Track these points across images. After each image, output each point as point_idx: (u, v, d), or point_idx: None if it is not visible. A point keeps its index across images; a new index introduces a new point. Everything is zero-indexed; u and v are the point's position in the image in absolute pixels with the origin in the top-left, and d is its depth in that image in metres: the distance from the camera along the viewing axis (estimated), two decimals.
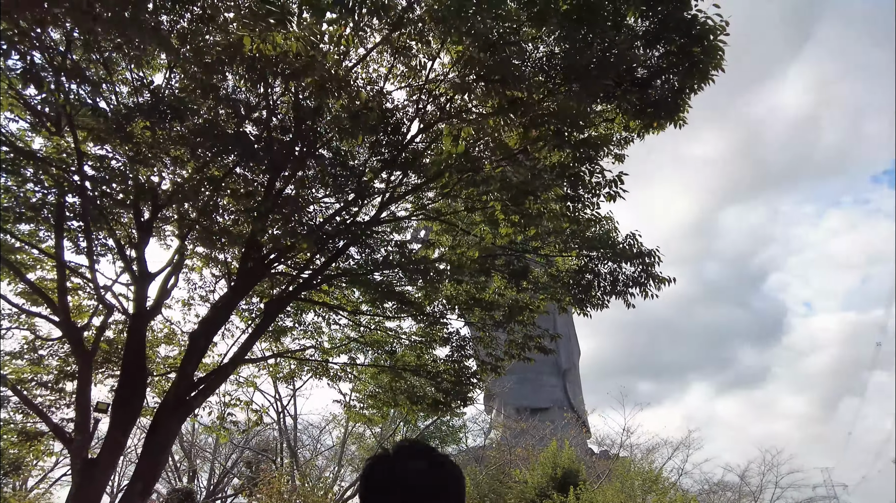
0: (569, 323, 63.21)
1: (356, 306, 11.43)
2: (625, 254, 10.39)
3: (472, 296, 10.34)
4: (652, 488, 26.90)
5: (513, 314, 10.50)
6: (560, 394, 58.70)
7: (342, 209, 8.65)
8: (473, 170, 7.54)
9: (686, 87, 9.28)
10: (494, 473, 28.44)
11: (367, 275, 9.62)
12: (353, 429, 25.50)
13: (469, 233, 9.59)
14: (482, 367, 11.64)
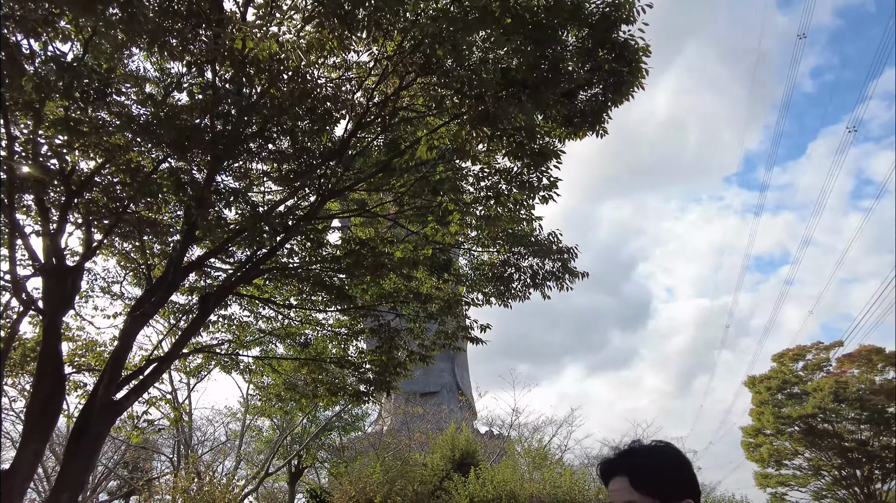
0: None
1: (286, 299, 11.26)
2: (547, 250, 11.22)
3: (413, 290, 10.64)
4: (541, 464, 28.79)
5: (450, 307, 10.95)
6: (449, 378, 60.39)
7: (286, 199, 8.55)
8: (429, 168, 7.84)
9: (610, 101, 10.20)
10: (394, 458, 28.99)
11: (308, 269, 9.56)
12: (251, 422, 24.76)
13: (408, 229, 9.86)
14: (411, 358, 11.99)
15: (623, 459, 1.84)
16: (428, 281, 11.03)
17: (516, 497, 22.27)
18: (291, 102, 8.09)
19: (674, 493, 1.71)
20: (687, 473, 1.79)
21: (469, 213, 8.66)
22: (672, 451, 1.84)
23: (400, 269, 9.68)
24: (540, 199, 9.33)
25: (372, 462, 21.69)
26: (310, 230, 8.98)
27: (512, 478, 23.16)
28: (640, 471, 1.75)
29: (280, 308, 11.44)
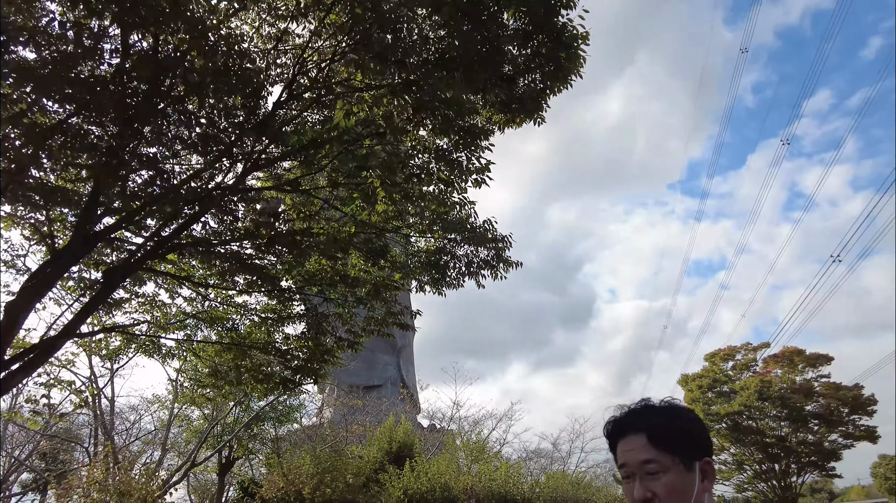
0: (405, 301, 64.44)
1: (204, 278, 10.62)
2: (482, 238, 11.04)
3: (338, 272, 10.22)
4: (478, 457, 28.90)
5: (378, 291, 10.59)
6: (394, 372, 59.98)
7: (202, 171, 8.00)
8: (353, 143, 7.46)
9: (548, 89, 10.08)
10: (330, 450, 28.44)
11: (225, 245, 9.01)
12: (179, 411, 23.71)
13: (339, 209, 9.44)
14: (339, 344, 11.58)
15: (639, 416, 1.75)
16: (356, 263, 10.65)
17: (450, 489, 22.19)
18: (215, 69, 7.57)
19: (693, 452, 1.65)
20: (705, 432, 1.75)
21: (398, 191, 8.34)
22: (689, 410, 1.80)
23: (325, 250, 9.26)
24: (473, 183, 9.12)
25: (305, 454, 21.14)
26: (227, 203, 8.47)
27: (447, 470, 23.08)
28: (660, 429, 1.67)
29: (198, 287, 10.80)
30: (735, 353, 40.01)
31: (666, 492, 1.59)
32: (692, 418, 1.76)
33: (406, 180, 8.00)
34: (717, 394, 38.43)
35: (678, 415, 1.74)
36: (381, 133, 7.50)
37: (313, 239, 9.08)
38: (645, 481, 1.62)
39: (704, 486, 1.65)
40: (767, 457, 36.20)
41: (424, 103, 7.11)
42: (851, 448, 35.15)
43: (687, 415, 1.76)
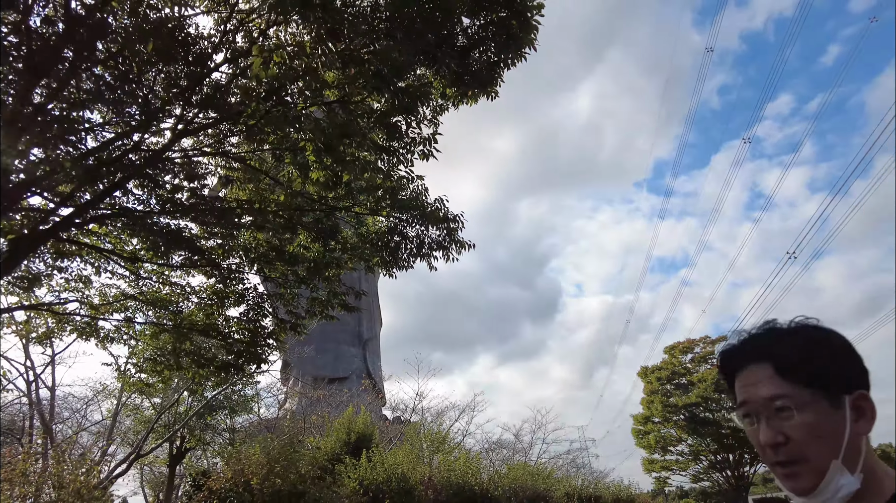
0: (373, 293, 63.87)
1: (134, 253, 9.86)
2: (433, 217, 10.56)
3: (274, 248, 9.59)
4: (439, 448, 28.57)
5: (318, 270, 9.99)
6: (360, 364, 59.24)
7: (122, 135, 7.30)
8: (282, 103, 6.86)
9: (501, 61, 9.63)
10: (288, 441, 27.71)
11: (149, 216, 8.31)
12: (127, 400, 22.67)
13: (275, 178, 8.82)
14: (281, 327, 10.96)
15: (762, 341, 1.35)
16: (299, 240, 10.05)
17: (407, 480, 21.77)
18: (144, 33, 6.89)
19: (839, 383, 1.27)
20: (854, 357, 1.33)
21: (332, 155, 7.75)
22: (830, 331, 1.36)
23: (256, 221, 8.65)
24: (419, 155, 8.62)
25: (256, 444, 20.41)
26: (154, 171, 7.78)
27: (404, 461, 22.66)
28: (790, 355, 1.29)
29: (129, 263, 10.03)
30: (694, 346, 40.57)
31: (804, 435, 1.23)
32: (835, 341, 1.34)
33: (335, 139, 7.40)
34: (676, 386, 38.93)
35: (814, 338, 1.33)
36: (314, 91, 6.91)
37: (238, 205, 8.43)
38: (773, 422, 1.26)
39: (859, 428, 1.26)
40: (722, 448, 36.82)
41: (353, 57, 6.55)
42: None
43: (827, 338, 1.34)
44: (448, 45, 9.20)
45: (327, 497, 18.08)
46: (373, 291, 65.34)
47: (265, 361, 11.58)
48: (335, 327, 57.09)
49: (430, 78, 10.05)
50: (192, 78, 8.08)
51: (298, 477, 19.09)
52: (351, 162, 7.80)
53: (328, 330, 57.18)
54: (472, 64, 9.30)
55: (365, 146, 7.90)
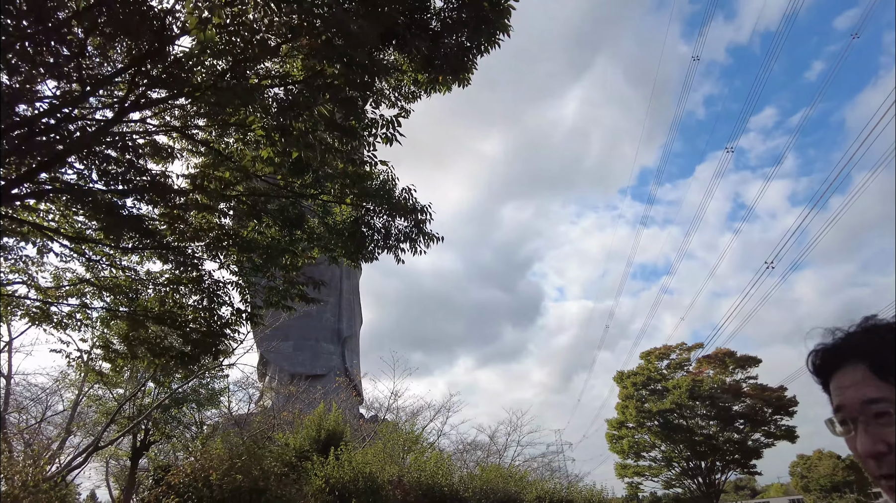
0: (353, 291, 63.33)
1: (80, 233, 9.29)
2: (399, 206, 10.14)
3: (227, 232, 9.10)
4: (412, 448, 28.14)
5: (273, 257, 9.50)
6: (338, 362, 58.56)
7: (64, 104, 6.79)
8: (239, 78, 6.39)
9: (474, 47, 9.25)
10: (255, 437, 27.08)
11: (92, 194, 7.76)
12: (89, 390, 21.92)
13: (221, 152, 8.32)
14: (237, 317, 10.46)
15: (857, 340, 1.22)
16: (250, 224, 9.57)
17: (375, 479, 21.31)
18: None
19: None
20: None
21: (276, 130, 7.28)
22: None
23: (203, 204, 8.15)
24: (382, 139, 8.19)
25: (218, 439, 19.82)
26: (98, 146, 7.26)
27: (373, 460, 22.21)
28: (887, 354, 1.14)
29: (73, 243, 9.46)
30: (670, 353, 40.56)
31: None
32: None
33: (282, 113, 6.94)
34: (651, 391, 38.87)
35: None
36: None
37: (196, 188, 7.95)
38: (872, 429, 1.14)
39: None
40: (695, 455, 36.81)
41: (304, 26, 6.09)
42: (772, 447, 36.14)
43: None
44: (420, 28, 8.81)
45: (289, 494, 17.51)
46: (353, 288, 64.76)
47: (223, 353, 11.06)
48: (314, 324, 56.35)
49: (402, 62, 9.66)
50: (152, 51, 7.60)
51: (261, 473, 18.55)
52: (297, 137, 7.33)
53: (307, 326, 56.44)
54: (442, 47, 8.91)
55: (313, 121, 7.43)
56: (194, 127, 8.06)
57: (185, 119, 7.83)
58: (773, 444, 35.97)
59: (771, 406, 35.30)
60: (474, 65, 9.60)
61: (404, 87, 10.40)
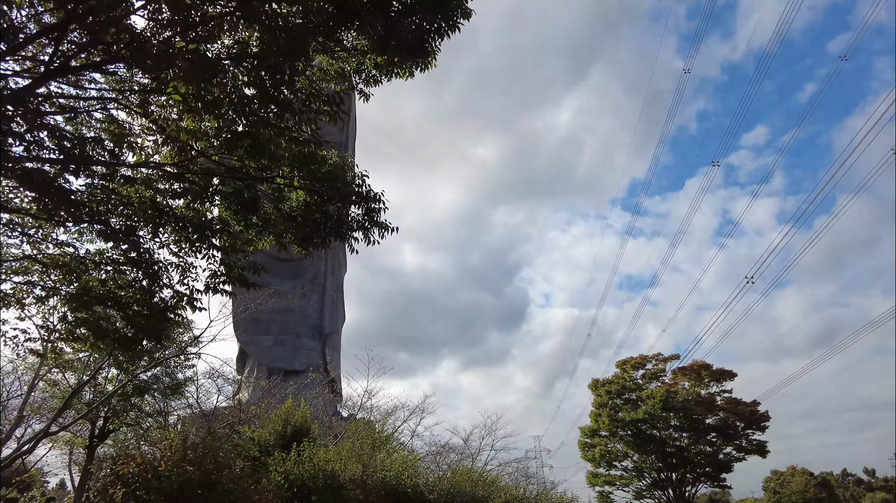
0: (337, 288, 62.69)
1: (7, 203, 8.78)
2: (351, 193, 9.72)
3: (159, 207, 8.61)
4: (381, 447, 27.63)
5: (202, 235, 9.00)
6: (318, 358, 57.77)
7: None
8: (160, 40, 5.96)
9: (433, 30, 8.87)
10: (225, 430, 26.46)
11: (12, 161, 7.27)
12: (46, 374, 21.23)
13: (160, 125, 7.86)
14: (177, 300, 9.97)
15: None
16: (185, 200, 9.10)
17: (336, 477, 20.78)
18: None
19: None
20: None
21: (193, 95, 6.83)
22: None
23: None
24: (327, 116, 7.77)
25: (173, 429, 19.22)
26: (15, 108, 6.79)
27: (335, 457, 21.68)
28: None
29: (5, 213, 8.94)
30: (646, 363, 40.30)
31: None
32: None
33: (193, 75, 6.49)
34: (626, 400, 38.55)
35: None
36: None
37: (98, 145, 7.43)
38: None
39: None
40: (666, 467, 36.52)
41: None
42: (743, 461, 35.94)
43: None
44: (381, 11, 8.42)
45: (242, 489, 16.93)
46: (337, 285, 64.07)
47: (167, 338, 10.56)
48: (295, 318, 55.61)
49: (360, 44, 9.27)
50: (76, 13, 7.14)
51: (215, 465, 17.97)
52: (213, 103, 6.88)
53: (288, 321, 55.69)
54: (400, 29, 8.52)
55: (233, 87, 6.99)
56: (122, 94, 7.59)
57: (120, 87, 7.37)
58: (744, 458, 35.79)
59: (743, 420, 35.12)
60: (435, 49, 9.23)
61: (365, 70, 10.02)
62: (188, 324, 25.18)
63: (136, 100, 8.83)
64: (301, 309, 58.19)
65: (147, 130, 9.20)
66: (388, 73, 9.67)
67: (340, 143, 59.40)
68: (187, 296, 9.85)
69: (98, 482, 18.51)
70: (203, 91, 6.69)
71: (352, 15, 8.31)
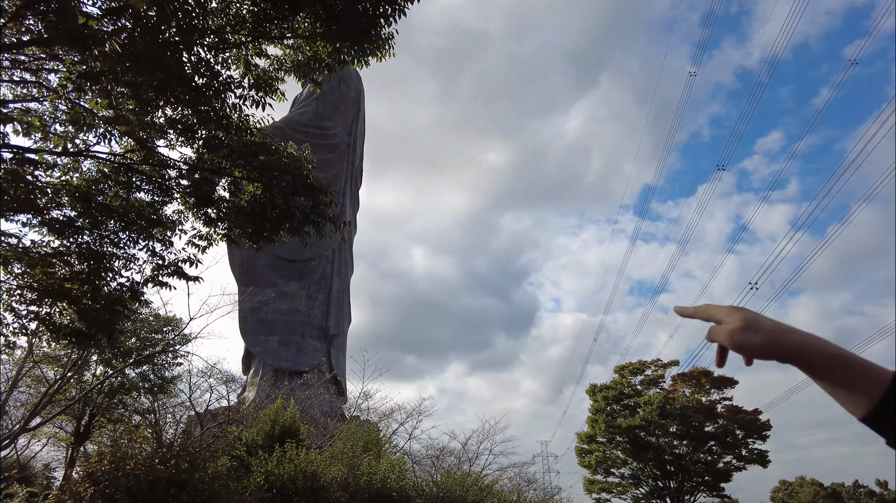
0: (343, 289, 62.47)
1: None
2: (301, 185, 9.31)
3: (86, 196, 8.24)
4: (373, 449, 27.17)
5: (143, 227, 8.64)
6: (323, 359, 57.48)
7: None
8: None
9: (378, 14, 8.44)
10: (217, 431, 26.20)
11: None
12: (30, 370, 21.05)
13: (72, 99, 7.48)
14: (119, 291, 9.59)
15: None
16: (112, 190, 8.73)
17: (318, 479, 20.34)
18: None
19: None
20: None
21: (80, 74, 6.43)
22: None
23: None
24: (251, 102, 7.34)
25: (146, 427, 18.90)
26: None
27: (318, 459, 21.24)
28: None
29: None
30: (645, 368, 39.36)
31: None
32: None
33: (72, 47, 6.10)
34: (624, 406, 37.68)
35: None
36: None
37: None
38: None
39: None
40: (664, 475, 35.57)
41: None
42: (743, 470, 34.89)
43: None
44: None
45: (213, 490, 16.53)
46: (344, 286, 63.86)
47: (120, 337, 10.20)
48: (301, 319, 55.43)
49: (302, 29, 8.87)
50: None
51: (189, 466, 17.60)
52: (97, 76, 6.45)
53: (294, 322, 55.53)
54: (341, 13, 8.09)
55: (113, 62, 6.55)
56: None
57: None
58: (744, 468, 34.70)
59: (744, 428, 34.07)
60: (382, 35, 8.79)
61: (320, 58, 9.63)
62: (177, 323, 24.95)
63: (92, 88, 8.52)
64: (307, 310, 58.02)
65: (104, 120, 8.89)
66: (338, 61, 9.26)
67: (349, 144, 59.31)
68: (131, 290, 9.49)
69: (71, 480, 18.25)
70: (91, 68, 6.31)
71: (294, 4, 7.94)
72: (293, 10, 8.21)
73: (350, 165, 57.41)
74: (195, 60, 7.03)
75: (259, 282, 52.85)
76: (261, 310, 48.66)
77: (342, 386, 54.85)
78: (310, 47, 9.45)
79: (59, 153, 8.03)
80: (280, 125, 48.29)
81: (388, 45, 9.13)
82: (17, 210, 8.34)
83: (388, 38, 9.04)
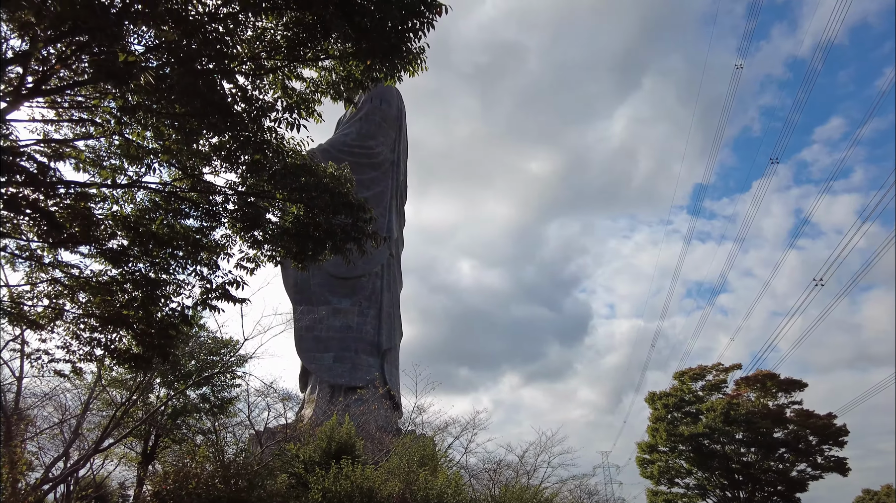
0: (394, 303, 62.92)
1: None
2: (341, 203, 9.34)
3: (136, 225, 8.49)
4: (429, 463, 26.95)
5: (192, 252, 8.84)
6: (376, 374, 57.93)
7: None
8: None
9: (407, 29, 8.40)
10: (276, 449, 26.64)
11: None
12: (100, 393, 21.95)
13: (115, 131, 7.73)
14: (171, 316, 9.84)
15: None
16: (159, 218, 8.96)
17: (374, 495, 20.30)
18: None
19: None
20: None
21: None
22: None
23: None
24: (286, 125, 7.39)
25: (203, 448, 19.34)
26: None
27: (374, 475, 21.21)
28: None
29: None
30: (706, 373, 37.64)
31: None
32: None
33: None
34: (685, 414, 36.08)
35: None
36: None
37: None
38: None
39: None
40: (732, 484, 33.73)
41: None
42: (820, 479, 32.66)
43: None
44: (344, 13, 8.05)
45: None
46: (394, 301, 64.23)
47: (173, 356, 10.48)
48: (353, 335, 56.02)
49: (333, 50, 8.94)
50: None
51: (249, 483, 17.91)
52: (134, 109, 6.60)
53: (347, 338, 56.21)
54: (368, 30, 8.09)
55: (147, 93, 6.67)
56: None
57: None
58: (821, 476, 32.48)
59: (817, 434, 31.95)
60: (413, 50, 8.75)
61: (353, 77, 9.69)
62: (233, 345, 25.58)
63: (140, 121, 8.86)
64: (359, 325, 58.60)
65: (151, 152, 9.22)
66: (371, 78, 9.28)
67: (393, 161, 60.06)
68: (183, 315, 9.75)
69: (140, 499, 18.88)
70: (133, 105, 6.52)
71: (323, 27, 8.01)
72: (325, 33, 8.28)
73: (395, 182, 58.01)
74: (232, 87, 7.18)
75: (313, 300, 53.76)
76: (315, 327, 49.46)
77: (396, 400, 54.98)
78: (343, 67, 9.52)
79: (112, 185, 8.35)
80: (326, 147, 49.45)
81: (419, 59, 9.09)
82: (77, 243, 8.72)
83: (420, 52, 9.01)
